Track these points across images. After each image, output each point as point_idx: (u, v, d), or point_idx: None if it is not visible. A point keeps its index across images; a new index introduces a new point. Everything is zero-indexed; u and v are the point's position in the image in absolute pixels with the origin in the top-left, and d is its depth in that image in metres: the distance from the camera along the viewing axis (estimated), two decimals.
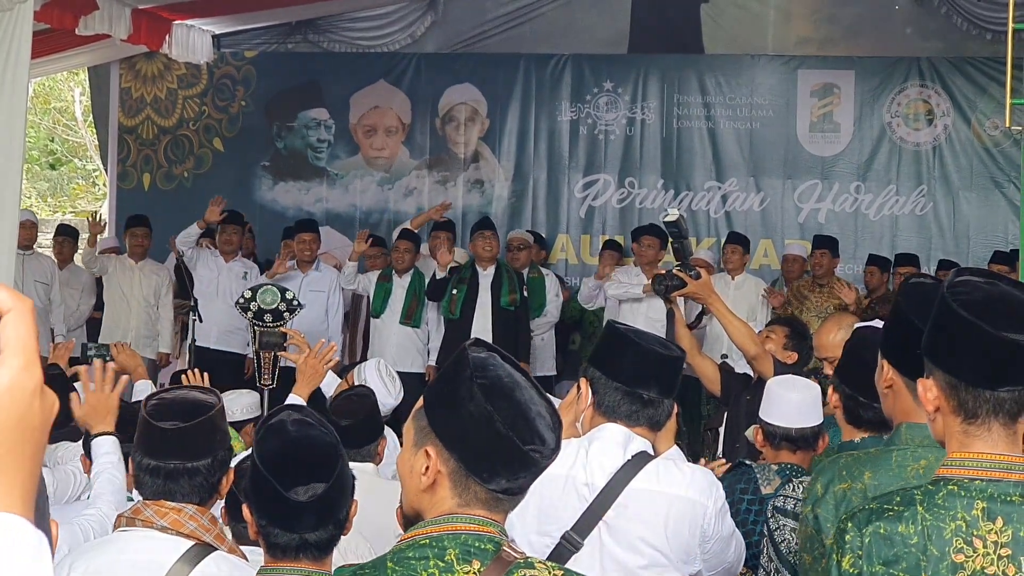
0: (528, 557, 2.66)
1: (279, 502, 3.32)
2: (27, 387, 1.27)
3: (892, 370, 3.43)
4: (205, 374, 6.27)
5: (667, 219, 6.98)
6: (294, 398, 5.82)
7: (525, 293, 12.06)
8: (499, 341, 11.45)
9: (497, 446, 2.61)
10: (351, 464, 5.05)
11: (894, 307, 3.43)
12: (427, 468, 2.67)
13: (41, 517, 1.33)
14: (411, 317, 12.09)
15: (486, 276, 11.99)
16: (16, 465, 1.26)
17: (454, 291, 11.97)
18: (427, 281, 12.15)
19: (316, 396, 10.92)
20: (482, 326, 11.77)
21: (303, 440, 3.41)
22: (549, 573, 2.63)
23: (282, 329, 10.21)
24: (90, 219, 13.28)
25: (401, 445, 2.90)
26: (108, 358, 6.84)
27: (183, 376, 6.67)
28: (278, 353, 10.44)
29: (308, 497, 3.31)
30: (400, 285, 12.21)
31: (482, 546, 2.61)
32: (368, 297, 12.45)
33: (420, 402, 2.79)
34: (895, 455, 3.41)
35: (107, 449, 4.67)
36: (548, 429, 2.67)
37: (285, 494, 3.30)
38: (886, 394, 3.51)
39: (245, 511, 3.47)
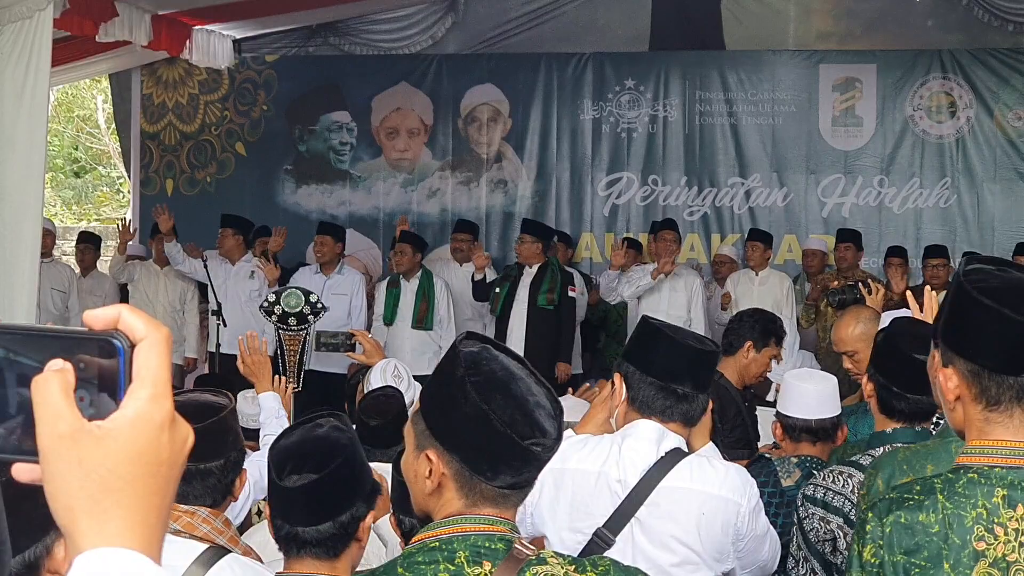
0: (540, 553, 2.65)
1: (274, 488, 3.39)
2: (154, 419, 1.24)
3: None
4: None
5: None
6: (266, 397, 5.78)
7: (571, 293, 12.02)
8: (535, 340, 11.49)
9: (497, 444, 2.59)
10: (375, 464, 5.05)
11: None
12: (430, 472, 2.66)
13: None
14: (422, 321, 12.02)
15: (528, 274, 12.00)
16: (138, 500, 1.23)
17: (497, 289, 12.00)
18: (447, 294, 12.18)
19: (338, 390, 10.92)
20: (517, 323, 11.80)
21: (314, 438, 3.47)
22: (562, 568, 2.62)
23: (349, 330, 10.20)
24: (119, 227, 13.30)
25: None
26: None
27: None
28: (345, 354, 10.40)
29: (296, 484, 3.35)
30: (409, 289, 12.14)
31: (492, 546, 2.60)
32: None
33: (416, 404, 2.77)
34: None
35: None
36: (549, 418, 2.64)
37: (278, 481, 3.37)
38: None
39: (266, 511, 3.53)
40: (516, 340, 11.63)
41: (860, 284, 7.46)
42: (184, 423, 1.28)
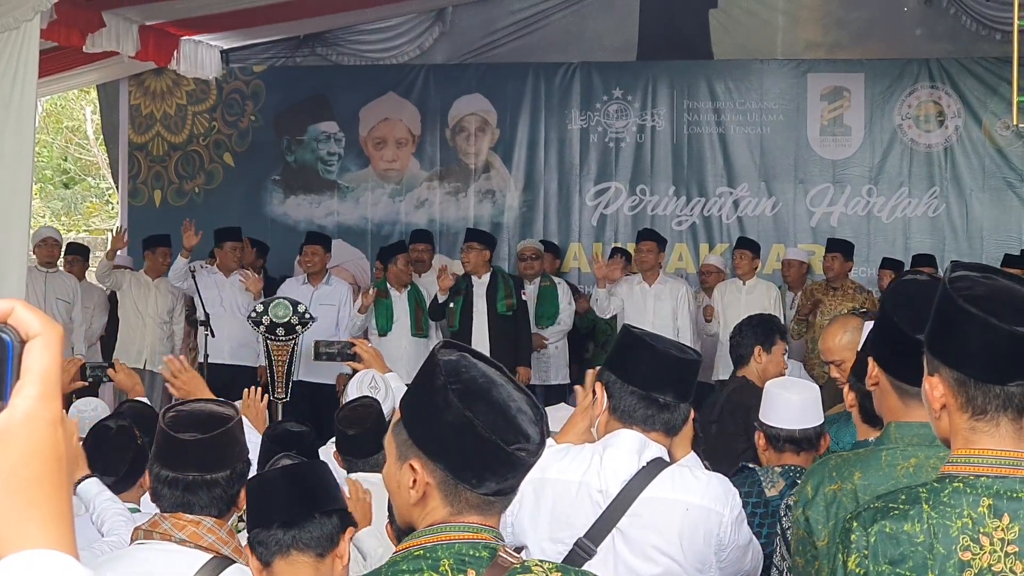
0: (525, 561, 2.63)
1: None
2: (44, 417, 1.22)
3: (878, 369, 3.42)
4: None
5: None
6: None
7: (524, 296, 12.03)
8: (497, 347, 11.46)
9: (482, 451, 2.58)
10: (359, 474, 5.06)
11: (880, 305, 3.42)
12: (414, 482, 2.64)
13: None
14: (421, 328, 12.05)
15: (480, 284, 11.96)
16: (47, 497, 1.21)
17: (451, 304, 11.93)
18: (428, 302, 12.14)
19: (326, 401, 10.91)
20: (480, 334, 11.76)
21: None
22: (546, 575, 2.61)
23: (349, 339, 10.19)
24: (114, 233, 13.25)
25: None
26: (106, 378, 6.84)
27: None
28: (343, 363, 10.43)
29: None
30: (401, 299, 12.15)
31: (477, 554, 2.58)
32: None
33: (397, 414, 2.75)
34: (884, 454, 3.39)
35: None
36: (531, 423, 2.63)
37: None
38: (873, 392, 3.50)
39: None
40: (481, 350, 11.54)
41: None
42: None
